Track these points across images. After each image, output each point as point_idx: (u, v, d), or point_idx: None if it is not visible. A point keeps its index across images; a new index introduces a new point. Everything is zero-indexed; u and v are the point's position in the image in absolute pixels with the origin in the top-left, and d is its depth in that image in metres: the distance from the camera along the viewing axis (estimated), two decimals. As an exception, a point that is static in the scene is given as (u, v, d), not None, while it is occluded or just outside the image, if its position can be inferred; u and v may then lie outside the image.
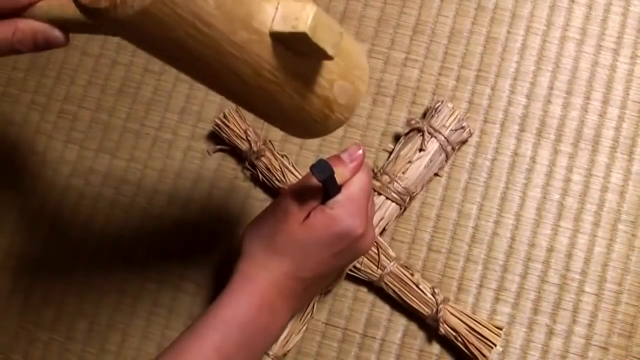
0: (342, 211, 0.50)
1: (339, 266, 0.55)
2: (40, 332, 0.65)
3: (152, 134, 0.68)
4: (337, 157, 0.51)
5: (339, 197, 0.51)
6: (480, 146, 0.65)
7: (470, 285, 0.63)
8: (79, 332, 0.65)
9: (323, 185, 0.49)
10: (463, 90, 0.66)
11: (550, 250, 0.63)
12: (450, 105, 0.63)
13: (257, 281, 0.51)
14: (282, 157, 0.65)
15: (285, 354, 0.61)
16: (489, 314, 0.62)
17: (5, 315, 0.66)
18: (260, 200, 0.66)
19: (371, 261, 0.61)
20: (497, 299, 0.62)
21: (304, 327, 0.62)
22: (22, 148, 0.69)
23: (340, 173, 0.50)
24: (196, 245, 0.65)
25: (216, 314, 0.51)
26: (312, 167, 0.46)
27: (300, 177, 0.64)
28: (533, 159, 0.65)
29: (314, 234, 0.50)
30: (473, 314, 0.60)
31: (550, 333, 0.61)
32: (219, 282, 0.64)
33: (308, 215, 0.51)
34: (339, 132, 0.66)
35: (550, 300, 0.62)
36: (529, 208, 0.64)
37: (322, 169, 0.47)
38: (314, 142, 0.66)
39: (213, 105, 0.68)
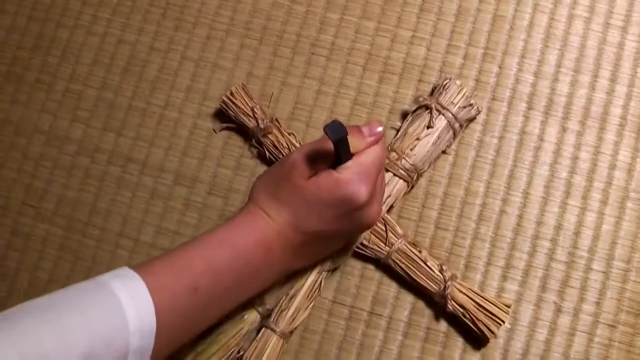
0: (349, 176, 0.51)
1: (341, 232, 0.55)
2: (46, 311, 0.65)
3: (158, 112, 0.68)
4: (357, 128, 0.52)
5: (349, 163, 0.51)
6: (488, 124, 0.65)
7: (478, 263, 0.62)
8: (85, 311, 0.65)
9: (335, 147, 0.49)
10: (470, 68, 0.66)
11: (558, 228, 0.63)
12: (458, 82, 0.63)
13: (259, 221, 0.53)
14: (289, 134, 0.64)
15: (292, 332, 0.61)
16: (496, 291, 0.62)
17: (11, 294, 0.65)
18: (266, 179, 0.65)
19: (378, 238, 0.61)
20: (504, 277, 0.62)
21: (311, 304, 0.61)
22: (27, 127, 0.69)
23: (355, 143, 0.51)
24: (202, 224, 0.65)
25: (213, 234, 0.52)
26: (326, 127, 0.46)
27: None
28: (541, 137, 0.64)
29: (318, 193, 0.51)
30: (481, 291, 0.60)
31: (558, 311, 0.61)
32: (225, 260, 0.64)
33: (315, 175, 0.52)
34: (346, 109, 0.66)
35: (558, 278, 0.62)
36: (537, 186, 0.63)
37: (336, 129, 0.46)
38: (319, 120, 0.66)
39: (219, 84, 0.68)
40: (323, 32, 0.68)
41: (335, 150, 0.50)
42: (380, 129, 0.52)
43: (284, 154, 0.63)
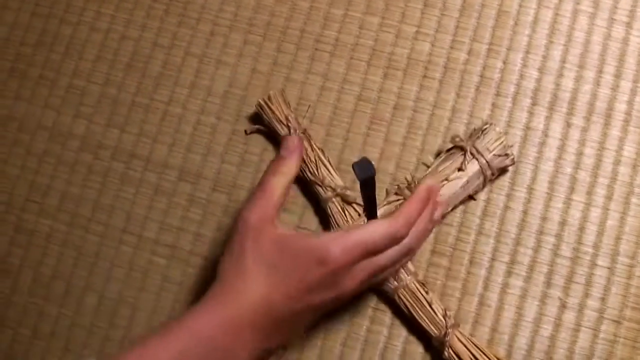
0: (324, 239, 0.48)
1: (316, 304, 0.50)
2: (50, 307, 0.65)
3: (161, 108, 0.68)
4: (279, 158, 0.51)
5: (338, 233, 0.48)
6: (492, 119, 0.64)
7: (482, 259, 0.62)
8: (89, 307, 0.64)
9: (361, 187, 0.47)
10: (474, 64, 0.66)
11: (562, 223, 0.62)
12: (497, 129, 0.61)
13: (227, 299, 0.48)
14: (319, 149, 0.64)
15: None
16: (501, 287, 0.62)
17: (15, 289, 0.65)
18: (270, 175, 0.65)
19: None
20: (509, 273, 0.62)
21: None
22: (31, 123, 0.69)
23: (285, 171, 0.50)
24: (206, 220, 0.65)
25: (178, 323, 0.47)
26: (355, 165, 0.44)
27: (332, 171, 0.63)
28: (545, 133, 0.64)
29: (285, 253, 0.48)
30: (481, 342, 0.59)
31: (563, 306, 0.61)
32: (229, 256, 0.64)
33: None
34: (350, 105, 0.66)
35: (563, 274, 0.62)
36: (541, 181, 0.63)
37: (364, 167, 0.45)
38: (324, 116, 0.66)
39: (223, 80, 0.68)
40: (327, 28, 0.68)
41: (361, 190, 0.48)
42: (296, 141, 0.51)
43: (310, 168, 0.62)
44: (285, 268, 0.48)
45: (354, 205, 0.62)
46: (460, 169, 0.60)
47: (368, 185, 0.47)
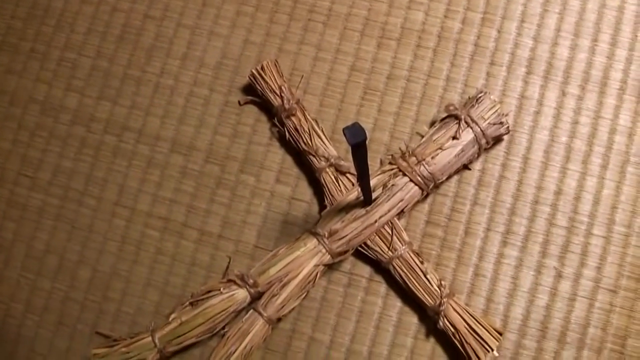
0: None
1: None
2: (43, 281, 0.64)
3: (153, 80, 0.67)
4: None
5: None
6: (487, 89, 0.64)
7: (478, 229, 0.62)
8: (82, 281, 0.64)
9: (352, 152, 0.47)
10: (469, 32, 0.65)
11: (558, 193, 0.62)
12: (492, 97, 0.61)
13: None
14: (313, 120, 0.63)
15: (279, 319, 0.60)
16: (496, 257, 0.61)
17: (7, 264, 0.65)
18: (263, 145, 0.65)
19: (383, 241, 0.60)
20: (504, 243, 0.61)
21: (303, 295, 0.60)
22: (22, 97, 0.68)
23: None
24: (199, 192, 0.64)
25: None
26: (345, 129, 0.44)
27: (325, 141, 0.62)
28: (540, 102, 0.64)
29: None
30: (475, 312, 0.58)
31: (559, 276, 0.61)
32: (221, 228, 0.64)
33: None
34: (343, 76, 0.65)
35: (559, 243, 0.61)
36: (537, 151, 0.63)
37: (355, 132, 0.44)
38: (317, 87, 0.65)
39: (215, 51, 0.67)
40: (320, -2, 0.67)
41: (352, 156, 0.48)
42: None
43: (304, 139, 0.62)
44: None
45: (348, 175, 0.61)
46: (454, 138, 0.60)
47: (359, 151, 0.46)
